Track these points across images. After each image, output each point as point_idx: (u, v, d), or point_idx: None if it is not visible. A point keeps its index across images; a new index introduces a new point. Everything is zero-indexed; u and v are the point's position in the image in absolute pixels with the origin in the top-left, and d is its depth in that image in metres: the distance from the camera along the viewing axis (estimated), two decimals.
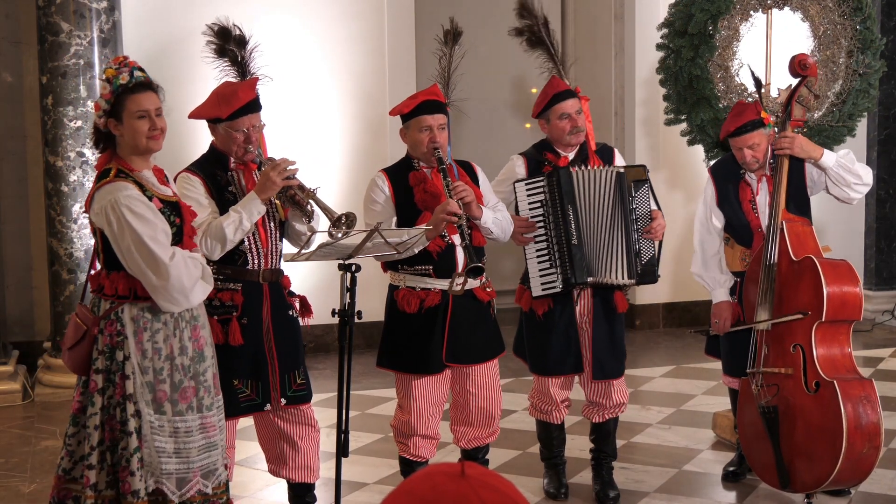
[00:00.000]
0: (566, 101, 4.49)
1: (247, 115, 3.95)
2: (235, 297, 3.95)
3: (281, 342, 4.04)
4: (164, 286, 3.44)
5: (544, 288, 4.42)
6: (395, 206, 4.24)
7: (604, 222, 4.38)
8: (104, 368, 3.51)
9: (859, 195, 4.65)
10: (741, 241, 4.72)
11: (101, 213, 3.47)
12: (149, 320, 3.53)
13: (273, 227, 4.04)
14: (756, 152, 4.55)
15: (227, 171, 4.01)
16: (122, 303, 3.52)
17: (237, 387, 3.98)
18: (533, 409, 4.71)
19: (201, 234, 3.83)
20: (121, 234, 3.44)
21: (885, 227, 8.86)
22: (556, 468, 4.72)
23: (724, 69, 5.37)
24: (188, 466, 3.58)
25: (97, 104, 3.56)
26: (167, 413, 3.54)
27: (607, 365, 4.54)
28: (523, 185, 4.47)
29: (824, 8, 5.38)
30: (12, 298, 7.07)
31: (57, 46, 6.31)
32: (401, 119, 4.30)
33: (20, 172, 7.07)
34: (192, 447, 3.59)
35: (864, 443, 4.19)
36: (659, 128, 7.32)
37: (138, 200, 3.47)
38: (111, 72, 3.52)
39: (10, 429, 5.83)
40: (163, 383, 3.54)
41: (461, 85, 4.60)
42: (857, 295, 4.32)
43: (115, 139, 3.57)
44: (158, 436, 3.52)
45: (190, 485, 3.59)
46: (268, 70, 4.48)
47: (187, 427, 3.58)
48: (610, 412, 4.65)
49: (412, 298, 4.22)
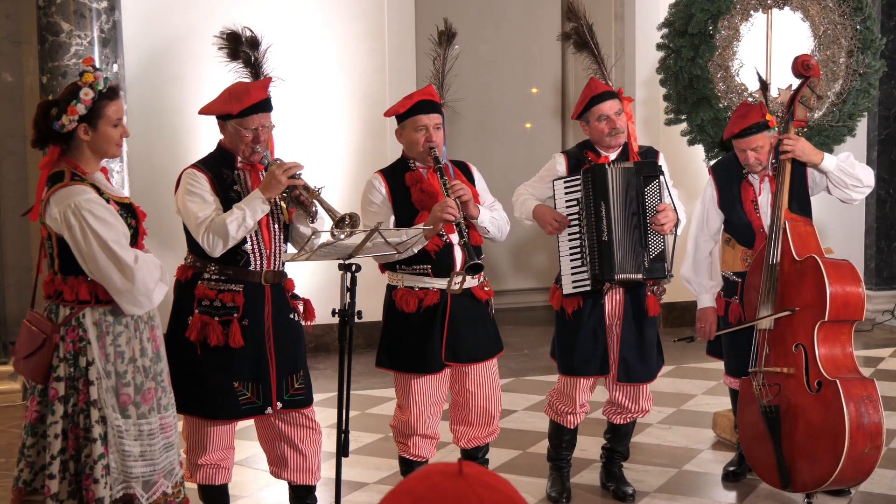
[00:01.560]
0: (605, 103, 4.45)
1: (257, 113, 3.93)
2: (237, 298, 3.93)
3: (280, 345, 4.02)
4: (129, 289, 3.40)
5: (575, 286, 4.42)
6: (392, 206, 4.24)
7: (627, 218, 4.39)
8: (66, 375, 3.45)
9: (861, 196, 4.66)
10: (743, 242, 4.72)
11: (59, 217, 3.39)
12: (111, 323, 3.48)
13: (277, 230, 4.02)
14: (759, 154, 4.56)
15: (234, 169, 4.00)
16: (82, 308, 3.46)
17: (238, 389, 3.96)
18: (549, 409, 4.69)
19: (203, 229, 3.82)
20: (84, 238, 3.37)
21: (885, 227, 8.87)
22: (560, 471, 4.70)
23: (725, 69, 5.37)
24: (153, 468, 3.54)
25: (73, 108, 3.42)
26: (132, 416, 3.50)
27: (633, 368, 4.50)
28: (562, 182, 4.47)
29: (824, 8, 5.38)
30: (12, 298, 7.06)
31: (57, 46, 6.31)
32: (396, 119, 4.31)
33: (20, 172, 7.07)
34: (155, 448, 3.55)
35: (865, 442, 4.20)
36: (659, 128, 7.31)
37: (98, 204, 3.41)
38: (91, 77, 3.44)
39: (11, 429, 5.83)
40: (126, 386, 3.49)
41: (456, 85, 4.60)
42: (860, 295, 4.32)
43: (68, 140, 3.48)
44: (125, 439, 3.47)
45: (156, 486, 3.55)
46: (267, 70, 4.48)
47: (150, 429, 3.54)
48: (632, 415, 4.65)
49: (411, 298, 4.21)
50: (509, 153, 8.95)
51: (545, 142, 9.14)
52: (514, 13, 9.13)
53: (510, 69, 9.15)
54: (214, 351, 3.92)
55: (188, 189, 3.90)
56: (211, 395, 3.94)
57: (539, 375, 6.77)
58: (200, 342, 3.91)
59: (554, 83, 9.35)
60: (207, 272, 3.94)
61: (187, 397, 3.93)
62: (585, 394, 4.58)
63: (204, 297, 3.92)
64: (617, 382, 4.55)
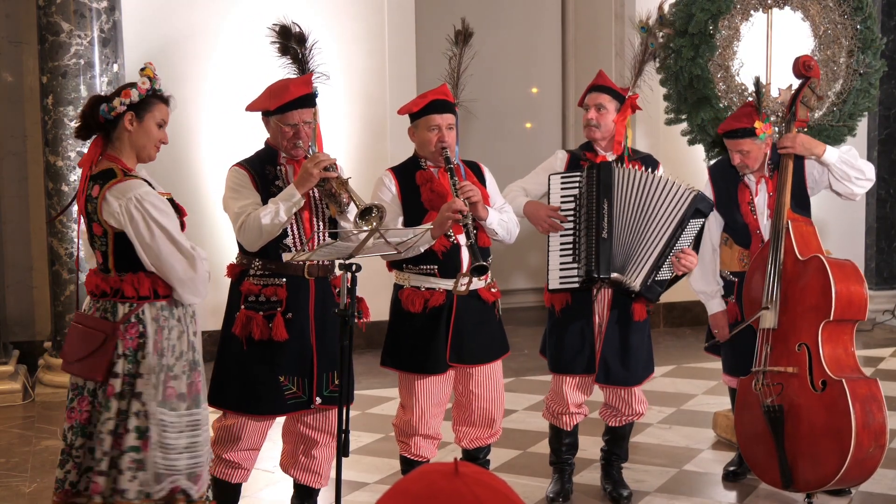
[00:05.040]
0: (591, 94, 4.53)
1: (297, 109, 3.97)
2: (279, 291, 3.94)
3: (322, 340, 4.02)
4: (192, 278, 3.45)
5: (562, 282, 4.40)
6: (401, 204, 4.24)
7: (644, 226, 4.32)
8: (124, 372, 3.45)
9: (863, 190, 4.67)
10: (740, 242, 4.73)
11: (121, 211, 3.41)
12: (166, 318, 3.51)
13: (322, 225, 4.04)
14: (746, 159, 4.56)
15: (277, 165, 4.03)
16: (142, 304, 3.48)
17: (283, 384, 3.97)
18: (546, 412, 4.69)
19: (239, 224, 3.86)
20: (148, 230, 3.40)
21: (885, 227, 8.87)
22: (562, 473, 4.69)
23: (725, 69, 5.37)
24: (198, 461, 3.54)
25: (127, 92, 3.47)
26: (178, 409, 3.50)
27: (613, 371, 4.49)
28: (558, 177, 4.46)
29: (825, 7, 5.38)
30: (12, 298, 7.07)
31: (57, 46, 6.32)
32: (409, 118, 4.31)
33: (20, 172, 7.07)
34: (200, 440, 3.55)
35: (870, 442, 4.20)
36: (659, 128, 7.31)
37: (157, 197, 3.46)
38: (151, 72, 3.51)
39: (11, 429, 5.83)
40: (174, 379, 3.50)
41: (470, 86, 4.59)
42: (863, 294, 4.33)
43: (111, 131, 3.51)
44: (169, 432, 3.46)
45: (202, 480, 3.56)
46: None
47: (197, 420, 3.55)
48: (626, 418, 4.64)
49: (416, 298, 4.21)
50: (509, 153, 8.95)
51: (545, 142, 9.14)
52: (515, 13, 9.14)
53: (510, 69, 9.15)
54: (259, 345, 3.94)
55: (231, 187, 3.97)
56: (255, 389, 3.95)
57: (539, 375, 6.77)
58: (246, 337, 3.94)
59: (554, 83, 9.35)
60: (252, 268, 3.97)
61: (232, 392, 3.97)
62: (576, 393, 4.57)
63: (249, 292, 3.95)
64: (595, 383, 4.55)
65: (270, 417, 4.09)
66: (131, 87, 3.49)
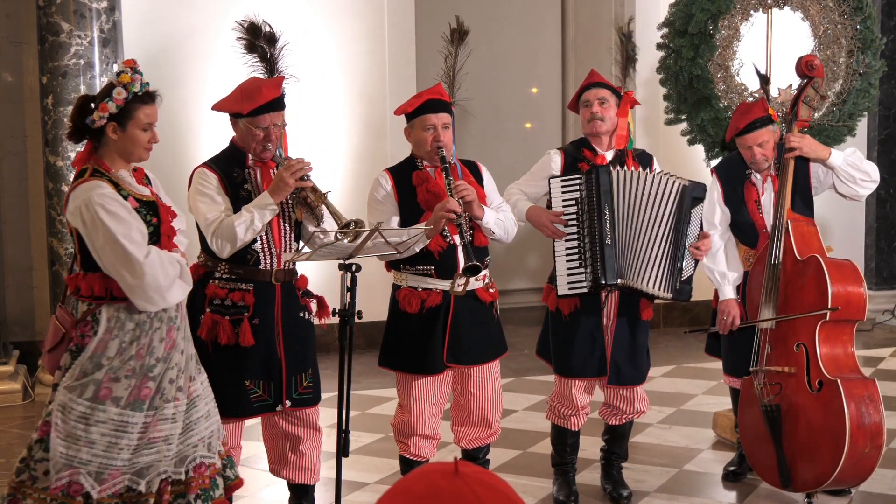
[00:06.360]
0: (590, 90, 4.51)
1: (269, 112, 3.93)
2: (247, 297, 3.94)
3: (290, 344, 4.03)
4: (139, 285, 3.40)
5: (571, 287, 4.37)
6: (397, 204, 4.23)
7: (646, 228, 4.31)
8: (65, 366, 3.51)
9: (868, 192, 4.67)
10: (746, 242, 4.71)
11: (75, 212, 3.44)
12: (122, 321, 3.50)
13: (288, 228, 4.03)
14: (765, 150, 4.54)
15: (245, 168, 4.01)
16: (99, 304, 3.49)
17: (249, 387, 3.98)
18: (550, 413, 4.67)
19: (212, 231, 3.83)
20: (94, 232, 3.40)
21: (885, 227, 8.87)
22: (566, 475, 4.68)
23: (725, 69, 5.37)
24: (109, 462, 3.44)
25: (104, 105, 3.46)
26: (109, 408, 3.43)
27: (623, 371, 4.49)
28: (559, 181, 4.43)
29: (824, 7, 5.38)
30: (12, 298, 7.07)
31: (57, 46, 6.32)
32: (405, 118, 4.30)
33: (20, 172, 7.07)
34: (123, 443, 3.45)
35: (866, 442, 4.19)
36: (659, 128, 7.31)
37: (112, 199, 3.43)
38: (127, 77, 3.47)
39: (11, 429, 5.83)
40: (114, 381, 3.45)
41: (466, 84, 4.59)
42: (862, 295, 4.32)
43: (99, 137, 3.52)
44: (78, 424, 3.42)
45: (110, 483, 3.46)
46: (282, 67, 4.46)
47: (128, 422, 3.46)
48: (627, 416, 4.64)
49: (413, 298, 4.21)
50: (509, 153, 8.94)
51: (545, 142, 9.13)
52: (514, 13, 9.13)
53: (510, 69, 9.15)
54: (226, 350, 3.93)
55: (198, 189, 3.92)
56: (222, 392, 3.93)
57: (539, 375, 6.77)
58: (211, 341, 3.93)
59: (554, 83, 9.35)
60: (218, 271, 3.96)
61: None
62: (584, 395, 4.56)
63: (215, 296, 3.94)
64: (607, 385, 4.54)
65: (237, 420, 4.08)
66: (108, 100, 3.45)
